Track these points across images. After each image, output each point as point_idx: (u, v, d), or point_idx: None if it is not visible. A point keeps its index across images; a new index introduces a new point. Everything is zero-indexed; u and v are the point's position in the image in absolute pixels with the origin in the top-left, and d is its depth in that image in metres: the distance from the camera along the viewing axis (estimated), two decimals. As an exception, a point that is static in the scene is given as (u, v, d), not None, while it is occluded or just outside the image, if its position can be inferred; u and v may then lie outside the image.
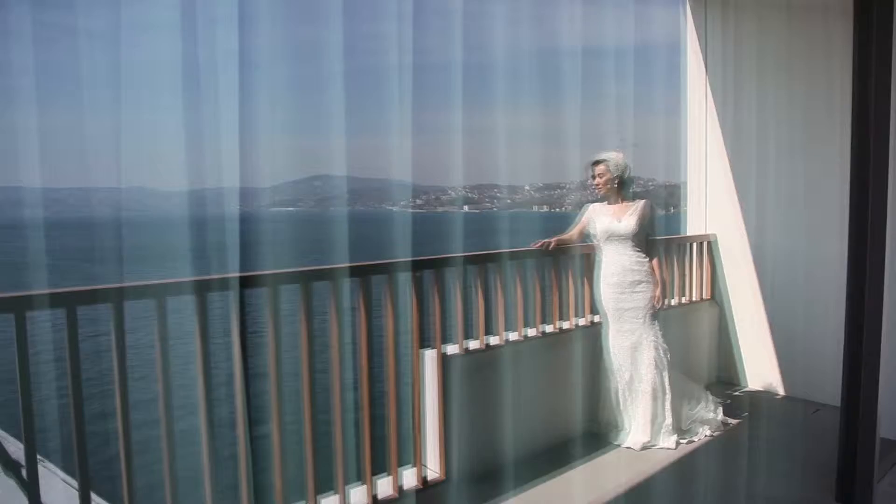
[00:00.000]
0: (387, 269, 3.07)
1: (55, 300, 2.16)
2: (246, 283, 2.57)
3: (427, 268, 3.26)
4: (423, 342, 3.29)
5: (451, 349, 3.43)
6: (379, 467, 3.08)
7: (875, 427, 3.08)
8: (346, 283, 2.92)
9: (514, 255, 3.76)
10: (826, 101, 4.39)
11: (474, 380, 3.48)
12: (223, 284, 2.53)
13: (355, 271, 2.94)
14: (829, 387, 3.54)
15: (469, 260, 3.50)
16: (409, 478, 3.23)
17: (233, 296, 2.52)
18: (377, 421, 3.00)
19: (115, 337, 2.23)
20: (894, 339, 3.66)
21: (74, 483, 2.16)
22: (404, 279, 3.13)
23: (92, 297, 2.28)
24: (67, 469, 2.51)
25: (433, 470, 3.35)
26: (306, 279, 2.78)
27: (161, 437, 2.32)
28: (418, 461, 3.24)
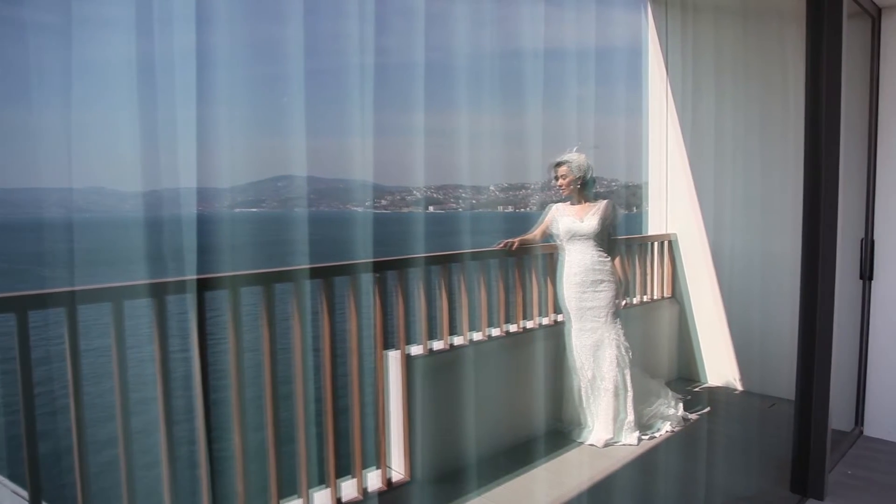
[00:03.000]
0: (350, 271, 3.05)
1: (4, 304, 2.09)
2: (206, 285, 2.52)
3: (390, 269, 3.25)
4: (387, 343, 3.28)
5: (415, 350, 3.42)
6: (343, 470, 3.07)
7: (827, 419, 3.17)
8: (309, 285, 2.90)
9: (477, 256, 3.77)
10: (781, 103, 4.51)
11: (438, 380, 3.48)
12: (182, 287, 2.47)
13: (318, 273, 2.91)
14: (785, 381, 3.64)
15: (432, 260, 3.49)
16: (374, 480, 3.22)
17: (192, 298, 2.48)
18: (341, 423, 2.98)
19: (69, 342, 2.17)
20: (845, 335, 3.79)
21: (24, 494, 2.10)
22: (367, 280, 3.11)
23: (43, 302, 2.21)
24: (16, 479, 2.43)
25: (398, 471, 3.34)
26: (268, 281, 2.74)
27: (118, 444, 2.26)
28: (383, 463, 3.22)
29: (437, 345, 3.56)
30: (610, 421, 3.90)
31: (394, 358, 3.33)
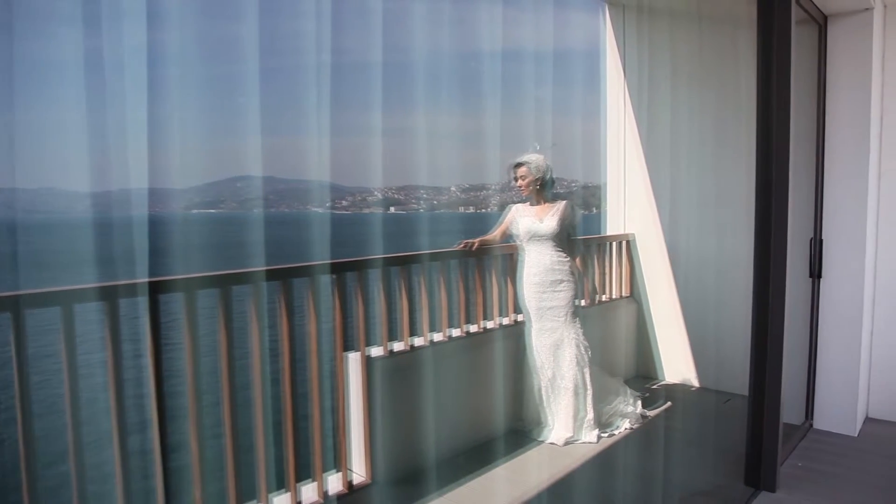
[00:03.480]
0: (309, 272, 3.02)
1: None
2: (161, 288, 2.46)
3: (350, 270, 3.23)
4: (347, 345, 3.26)
5: (376, 351, 3.41)
6: (303, 473, 3.03)
7: (779, 414, 3.25)
8: (268, 287, 2.86)
9: (437, 256, 3.77)
10: (734, 106, 4.62)
11: (399, 381, 3.47)
12: (138, 290, 2.41)
13: (277, 274, 2.88)
14: (739, 378, 3.73)
15: (392, 261, 3.48)
16: (335, 483, 3.19)
17: (147, 302, 2.42)
18: (301, 426, 2.95)
19: (16, 348, 2.09)
20: (796, 332, 3.90)
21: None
22: (327, 282, 3.09)
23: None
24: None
25: (359, 474, 3.32)
26: (225, 283, 2.70)
27: (68, 454, 2.19)
28: (343, 465, 3.20)
29: (398, 346, 3.55)
30: (570, 419, 3.94)
31: (354, 360, 3.31)
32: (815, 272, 4.09)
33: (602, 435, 3.99)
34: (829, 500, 3.22)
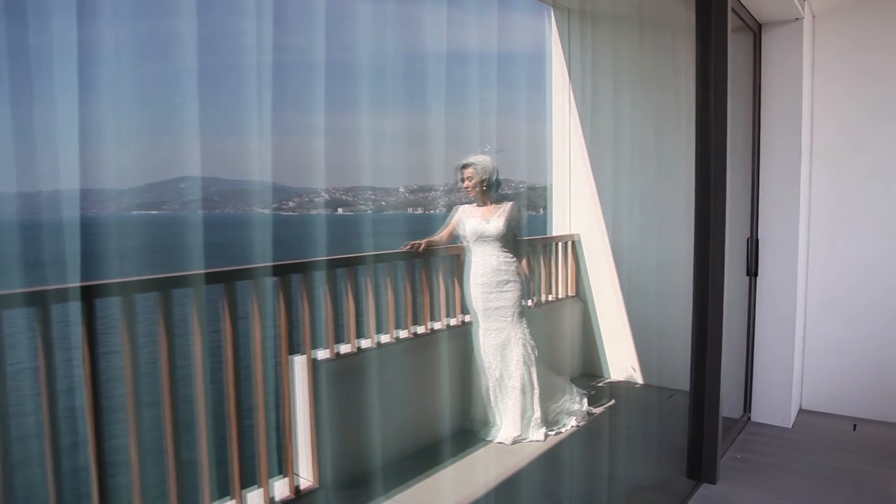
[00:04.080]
0: (253, 275, 2.96)
1: None
2: (96, 292, 2.37)
3: (296, 272, 3.18)
4: (293, 348, 3.21)
5: (322, 354, 3.36)
6: (249, 480, 2.97)
7: (718, 408, 3.36)
8: (211, 290, 2.78)
9: (384, 258, 3.75)
10: (674, 109, 4.75)
11: (346, 384, 3.44)
12: (73, 295, 2.31)
13: (220, 277, 2.81)
14: (681, 374, 3.83)
15: (339, 263, 3.45)
16: (281, 488, 3.13)
17: (80, 307, 2.32)
18: (246, 431, 2.88)
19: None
20: (734, 329, 4.02)
21: None
22: (271, 284, 3.03)
23: None
24: None
25: (306, 478, 3.27)
26: (166, 286, 2.61)
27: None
28: (290, 470, 3.14)
29: (344, 348, 3.52)
30: (517, 418, 3.98)
31: (300, 363, 3.26)
32: (752, 271, 4.24)
33: (549, 433, 4.04)
34: (766, 490, 3.34)
